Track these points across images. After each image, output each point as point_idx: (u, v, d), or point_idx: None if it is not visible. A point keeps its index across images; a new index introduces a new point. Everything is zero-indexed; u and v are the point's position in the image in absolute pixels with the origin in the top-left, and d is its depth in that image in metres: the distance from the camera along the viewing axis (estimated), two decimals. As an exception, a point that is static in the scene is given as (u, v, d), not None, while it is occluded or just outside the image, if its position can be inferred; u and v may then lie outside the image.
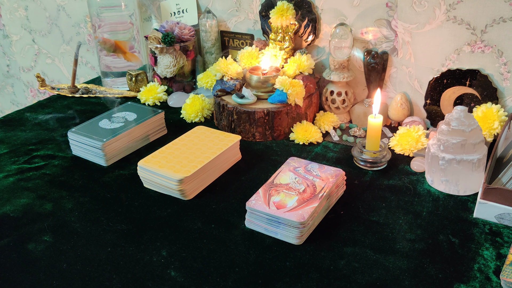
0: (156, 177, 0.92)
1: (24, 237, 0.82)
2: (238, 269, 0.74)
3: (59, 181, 0.99)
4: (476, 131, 0.87)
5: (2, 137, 1.18)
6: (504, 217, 0.81)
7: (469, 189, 0.90)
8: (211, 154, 0.96)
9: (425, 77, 1.10)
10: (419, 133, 1.04)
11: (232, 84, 1.16)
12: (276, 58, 1.21)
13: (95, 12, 1.36)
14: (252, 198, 0.83)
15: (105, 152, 1.02)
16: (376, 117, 0.96)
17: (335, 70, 1.16)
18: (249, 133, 1.12)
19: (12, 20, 1.91)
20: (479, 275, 0.71)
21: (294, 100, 1.09)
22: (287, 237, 0.79)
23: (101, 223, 0.85)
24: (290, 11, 1.20)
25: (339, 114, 1.21)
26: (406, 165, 1.01)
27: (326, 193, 0.84)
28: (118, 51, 1.35)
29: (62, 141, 1.13)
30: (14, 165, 1.05)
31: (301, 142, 1.10)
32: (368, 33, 1.17)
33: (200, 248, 0.79)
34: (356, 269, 0.73)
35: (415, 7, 1.05)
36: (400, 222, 0.83)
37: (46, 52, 1.88)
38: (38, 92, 2.07)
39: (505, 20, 0.97)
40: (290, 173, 0.89)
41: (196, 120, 1.21)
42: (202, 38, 1.39)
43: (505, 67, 1.01)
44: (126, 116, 1.13)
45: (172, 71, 1.31)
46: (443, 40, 1.05)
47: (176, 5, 1.42)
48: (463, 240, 0.79)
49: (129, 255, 0.78)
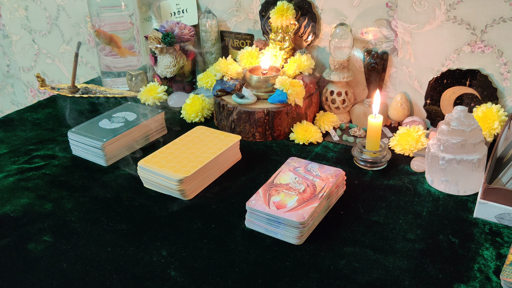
0: (156, 177, 0.92)
1: (24, 237, 0.82)
2: (238, 269, 0.74)
3: (59, 181, 0.99)
4: (476, 131, 0.87)
5: (2, 137, 1.18)
6: (504, 217, 0.81)
7: (469, 189, 0.90)
8: (211, 154, 0.96)
9: (425, 77, 1.10)
10: (419, 133, 1.04)
11: (232, 84, 1.16)
12: (276, 58, 1.21)
13: (95, 12, 1.36)
14: (252, 198, 0.83)
15: (105, 152, 1.02)
16: (376, 117, 0.96)
17: (335, 70, 1.16)
18: (249, 133, 1.12)
19: (12, 20, 1.91)
20: (479, 275, 0.71)
21: (294, 100, 1.09)
22: (287, 237, 0.79)
23: (101, 223, 0.85)
24: (290, 11, 1.20)
25: (339, 114, 1.21)
26: (406, 165, 1.01)
27: (326, 193, 0.84)
28: (113, 45, 1.35)
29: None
30: (14, 165, 1.05)
31: (301, 142, 1.10)
32: (368, 33, 1.17)
33: (200, 248, 0.79)
34: (356, 269, 0.73)
35: (415, 7, 1.05)
36: (400, 222, 0.83)
37: (46, 52, 1.88)
38: (38, 92, 2.07)
39: (505, 20, 0.97)
40: (290, 173, 0.89)
41: (196, 120, 1.21)
42: (202, 38, 1.39)
43: (505, 67, 1.01)
44: (126, 116, 1.13)
45: (172, 71, 1.31)
46: (443, 40, 1.05)
47: (176, 5, 1.42)
48: (463, 240, 0.79)
49: (129, 255, 0.78)
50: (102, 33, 1.32)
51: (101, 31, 1.33)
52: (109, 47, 1.36)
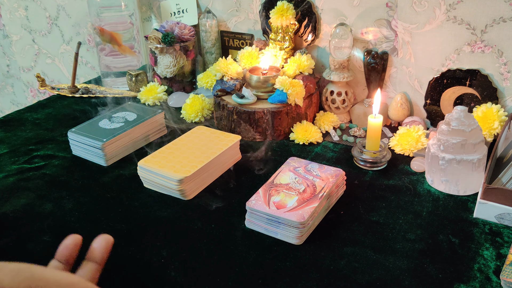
0: (156, 177, 0.92)
1: (24, 237, 0.82)
2: (238, 269, 0.74)
3: (59, 181, 0.99)
4: (476, 131, 0.87)
5: (2, 137, 1.18)
6: (504, 217, 0.81)
7: (469, 189, 0.90)
8: (211, 154, 0.96)
9: (425, 77, 1.10)
10: (419, 133, 1.04)
11: (232, 84, 1.16)
12: (276, 58, 1.21)
13: (95, 12, 1.36)
14: (252, 198, 0.83)
15: (105, 152, 1.02)
16: (376, 117, 0.96)
17: (335, 70, 1.16)
18: (249, 133, 1.12)
19: (12, 20, 1.91)
20: (479, 275, 0.71)
21: (294, 100, 1.09)
22: (287, 237, 0.79)
23: (101, 223, 0.85)
24: (290, 11, 1.20)
25: (339, 114, 1.21)
26: (406, 165, 1.01)
27: (326, 193, 0.84)
28: (113, 43, 1.35)
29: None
30: (14, 165, 1.05)
31: (301, 142, 1.10)
32: (368, 33, 1.17)
33: (200, 248, 0.79)
34: (356, 269, 0.73)
35: (415, 7, 1.05)
36: (400, 222, 0.83)
37: (46, 52, 1.88)
38: (38, 92, 2.07)
39: (505, 20, 0.97)
40: (290, 173, 0.89)
41: (196, 120, 1.21)
42: (202, 38, 1.39)
43: (505, 67, 1.01)
44: (126, 116, 1.13)
45: (172, 71, 1.31)
46: (443, 40, 1.05)
47: (176, 5, 1.42)
48: (463, 240, 0.79)
49: (129, 255, 0.78)
50: (104, 31, 1.33)
51: (103, 29, 1.33)
52: (110, 45, 1.37)
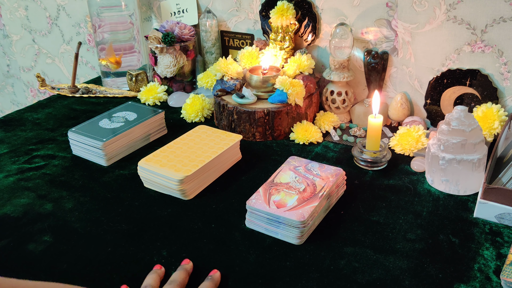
0: (156, 177, 0.92)
1: (24, 237, 0.82)
2: (238, 269, 0.74)
3: (59, 181, 0.99)
4: (476, 131, 0.87)
5: (2, 137, 1.18)
6: (504, 217, 0.81)
7: (469, 189, 0.90)
8: (212, 154, 0.95)
9: (425, 77, 1.10)
10: (419, 133, 1.04)
11: (232, 84, 1.16)
12: (276, 58, 1.21)
13: (95, 12, 1.36)
14: (253, 197, 0.83)
15: (105, 152, 1.02)
16: (376, 117, 0.96)
17: (335, 70, 1.16)
18: (249, 133, 1.12)
19: (12, 20, 1.91)
20: (479, 275, 0.71)
21: (294, 100, 1.09)
22: (288, 237, 0.79)
23: (101, 223, 0.85)
24: (290, 11, 1.20)
25: (339, 114, 1.21)
26: (406, 165, 1.01)
27: (326, 192, 0.84)
28: (114, 65, 1.37)
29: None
30: (14, 165, 1.05)
31: (301, 142, 1.10)
32: (368, 33, 1.17)
33: (200, 248, 0.79)
34: (356, 269, 0.73)
35: (415, 7, 1.05)
36: (400, 222, 0.83)
37: (46, 52, 1.89)
38: (38, 92, 2.07)
39: (505, 20, 0.97)
40: (290, 172, 0.89)
41: (196, 120, 1.21)
42: (202, 38, 1.39)
43: (505, 67, 1.01)
44: (126, 116, 1.13)
45: (172, 71, 1.31)
46: (443, 40, 1.05)
47: (176, 5, 1.42)
48: (463, 240, 0.79)
49: (129, 255, 0.78)
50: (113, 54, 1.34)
51: (117, 59, 1.34)
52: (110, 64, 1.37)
